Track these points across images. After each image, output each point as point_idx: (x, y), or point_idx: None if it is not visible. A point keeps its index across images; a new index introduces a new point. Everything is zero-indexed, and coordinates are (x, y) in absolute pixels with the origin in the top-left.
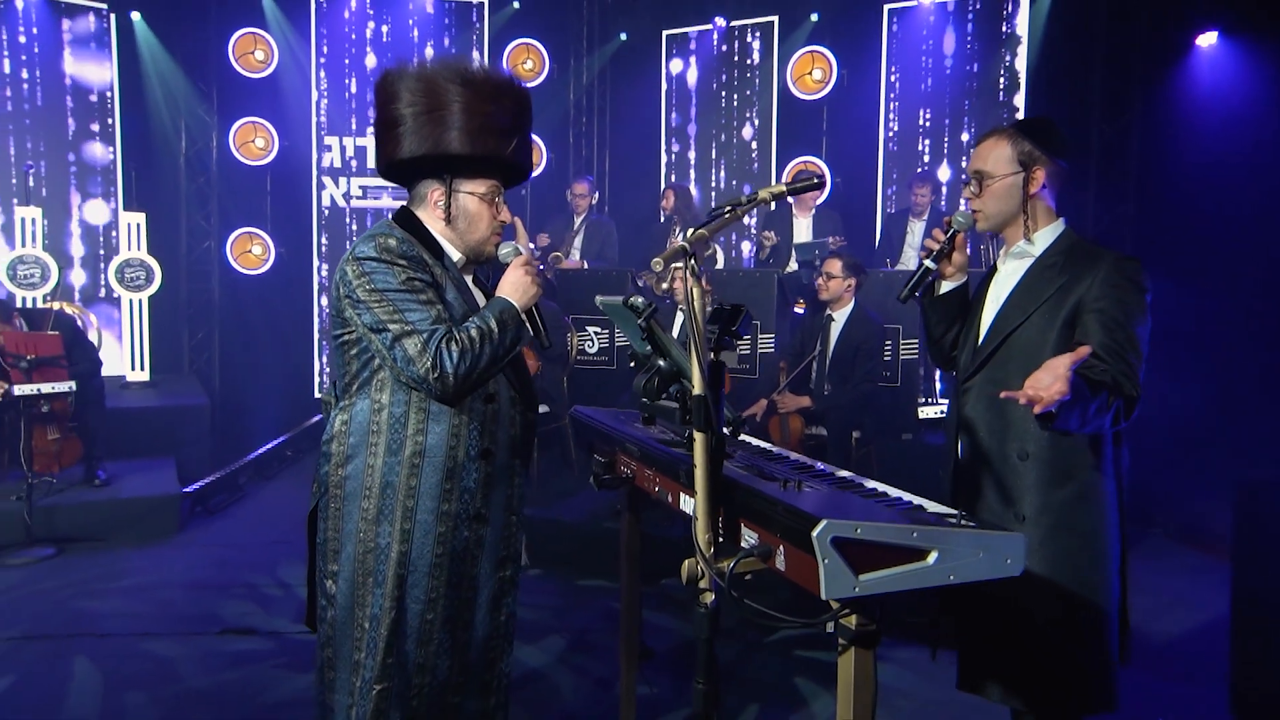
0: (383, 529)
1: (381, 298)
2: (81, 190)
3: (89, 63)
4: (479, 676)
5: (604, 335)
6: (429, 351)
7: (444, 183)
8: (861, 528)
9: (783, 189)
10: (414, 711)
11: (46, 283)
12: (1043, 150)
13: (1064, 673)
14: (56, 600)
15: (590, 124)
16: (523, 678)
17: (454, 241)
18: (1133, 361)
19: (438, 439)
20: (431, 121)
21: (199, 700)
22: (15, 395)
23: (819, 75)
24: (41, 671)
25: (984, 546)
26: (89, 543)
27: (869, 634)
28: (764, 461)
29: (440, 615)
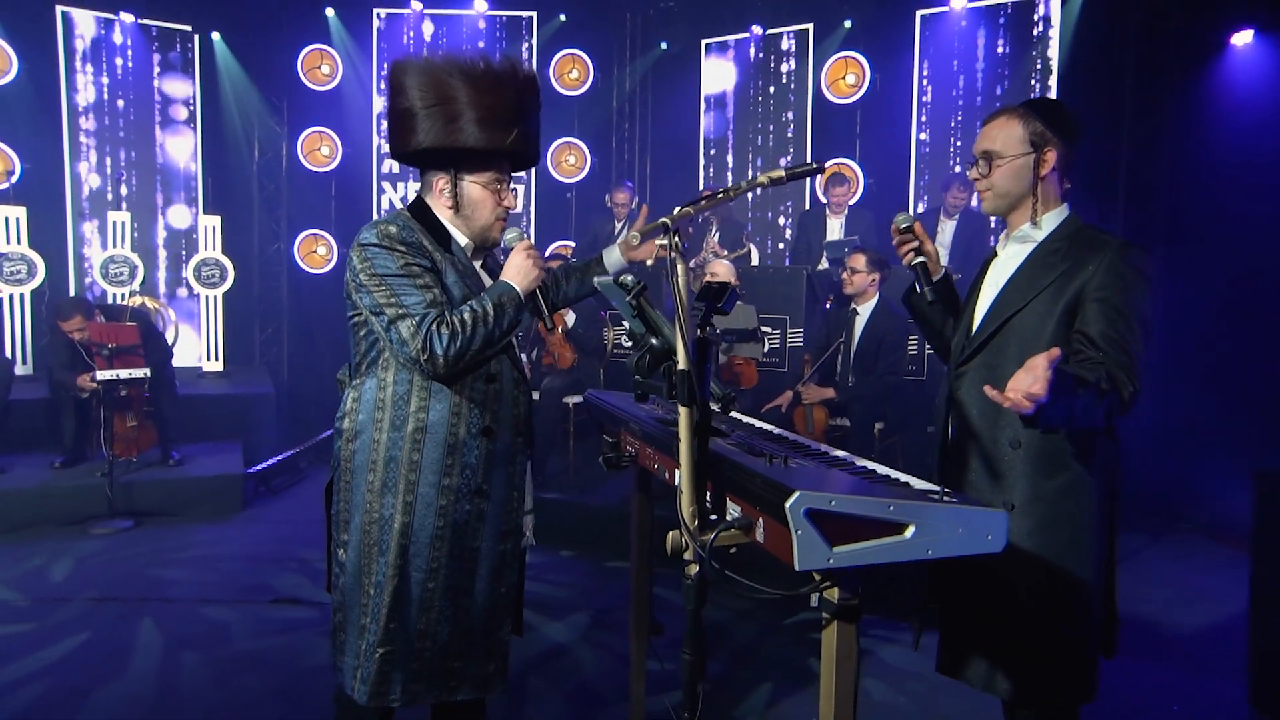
0: (386, 501)
1: (381, 282)
2: (166, 196)
3: (175, 81)
4: (480, 643)
5: None
6: (420, 334)
7: (449, 173)
8: (836, 500)
9: (781, 174)
10: (416, 674)
11: (134, 280)
12: (1054, 132)
13: (1043, 660)
14: (131, 567)
15: (631, 129)
16: (547, 652)
17: (461, 228)
18: (1134, 353)
19: (439, 416)
20: (436, 116)
21: (246, 661)
22: (98, 380)
23: (852, 80)
24: (112, 630)
25: (964, 522)
26: (163, 517)
27: (850, 608)
28: (759, 440)
29: (441, 584)
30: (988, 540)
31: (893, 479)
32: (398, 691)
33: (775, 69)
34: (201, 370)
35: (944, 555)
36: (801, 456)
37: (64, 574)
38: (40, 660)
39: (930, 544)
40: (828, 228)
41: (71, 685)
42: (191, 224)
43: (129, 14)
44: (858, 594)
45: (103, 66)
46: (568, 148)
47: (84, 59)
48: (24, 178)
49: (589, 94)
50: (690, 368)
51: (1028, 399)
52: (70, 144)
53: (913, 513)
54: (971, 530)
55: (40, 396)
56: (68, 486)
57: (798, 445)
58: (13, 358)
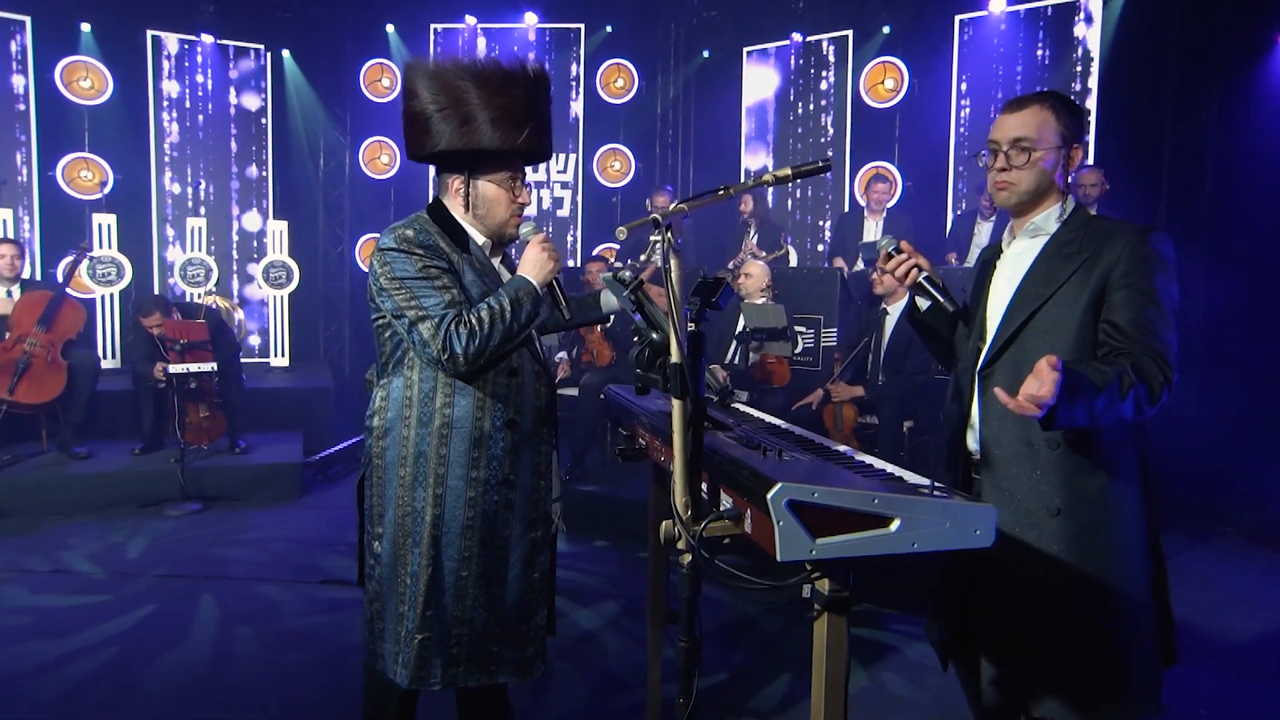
0: (418, 494)
1: (400, 285)
2: (241, 203)
3: (248, 95)
4: (515, 628)
5: None
6: (440, 334)
7: (464, 174)
8: (819, 492)
9: (788, 172)
10: (454, 658)
11: (208, 280)
12: (1077, 130)
13: (1107, 676)
14: (197, 547)
15: (675, 135)
16: (575, 638)
17: (477, 226)
18: (1166, 338)
19: (464, 411)
20: (450, 118)
21: (293, 637)
22: (171, 373)
23: (891, 84)
24: (176, 604)
25: (951, 516)
26: (228, 501)
27: (841, 600)
28: (763, 434)
29: (474, 572)
30: (976, 535)
31: (888, 474)
32: (438, 675)
33: (815, 75)
34: (269, 365)
35: (931, 549)
36: (801, 451)
37: (138, 551)
38: (111, 629)
39: (916, 538)
40: (865, 229)
41: (137, 652)
42: (261, 228)
43: (209, 35)
44: (848, 586)
45: (185, 84)
46: (613, 154)
47: (169, 77)
48: (115, 187)
49: (634, 102)
50: (683, 361)
51: (1034, 403)
52: (156, 156)
53: (898, 506)
54: (959, 525)
55: (125, 388)
56: (145, 471)
57: (802, 440)
58: (103, 352)
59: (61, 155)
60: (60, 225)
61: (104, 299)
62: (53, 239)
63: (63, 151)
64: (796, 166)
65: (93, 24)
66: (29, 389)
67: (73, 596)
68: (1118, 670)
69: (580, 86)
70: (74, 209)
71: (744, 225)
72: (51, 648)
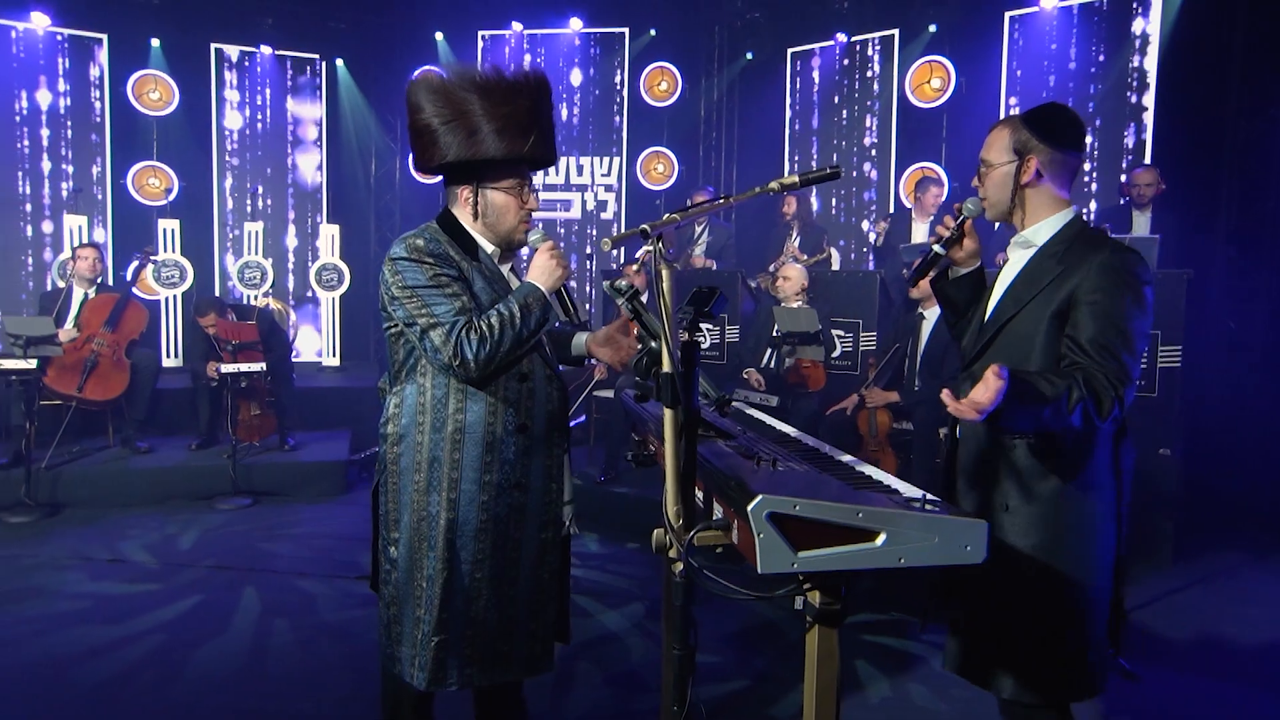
0: (432, 499)
1: (412, 294)
2: (297, 207)
3: (304, 104)
4: (526, 626)
5: (714, 331)
6: (450, 341)
7: (472, 184)
8: (800, 504)
9: (795, 180)
10: (469, 659)
11: (264, 283)
12: (1040, 138)
13: (1038, 659)
14: (245, 541)
15: (719, 137)
16: (600, 638)
17: (486, 235)
18: (1124, 359)
19: (476, 417)
20: (456, 130)
21: (327, 630)
22: (223, 372)
23: (937, 84)
24: (221, 595)
25: (939, 531)
26: (276, 496)
27: (832, 612)
28: (765, 444)
29: (487, 574)
30: (966, 551)
31: (885, 486)
32: (454, 676)
33: (860, 75)
34: (321, 365)
35: (918, 565)
36: (802, 462)
37: (190, 543)
38: (160, 617)
39: (902, 552)
40: (913, 231)
41: (180, 640)
42: (315, 232)
43: (268, 46)
44: (839, 598)
45: (245, 94)
46: (656, 156)
47: (230, 88)
48: (179, 194)
49: (677, 104)
50: (674, 371)
51: (974, 409)
52: (218, 163)
53: (884, 520)
54: (948, 540)
55: (185, 386)
56: (200, 466)
57: (807, 450)
58: (165, 351)
59: (132, 164)
60: (130, 230)
61: (167, 300)
62: (123, 244)
63: (133, 160)
64: (804, 174)
65: (162, 39)
66: (96, 386)
67: (127, 584)
68: (1050, 656)
69: (624, 90)
70: (142, 215)
71: (786, 227)
72: (104, 632)
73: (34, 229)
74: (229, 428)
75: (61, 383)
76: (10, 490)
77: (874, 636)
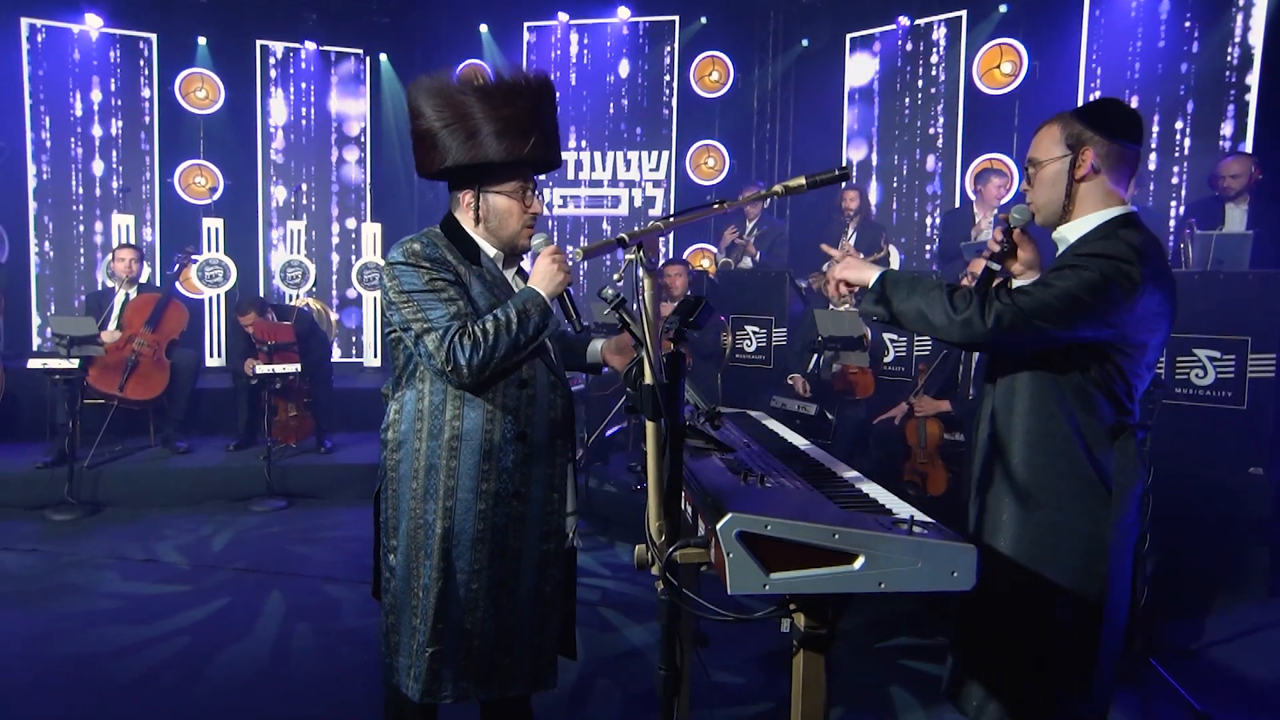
0: (429, 506)
1: (408, 298)
2: (341, 205)
3: (348, 99)
4: (527, 640)
5: (762, 335)
6: (444, 346)
7: (474, 188)
8: (772, 524)
9: (801, 181)
10: (465, 672)
11: (306, 282)
12: (1095, 129)
13: (1026, 699)
14: (276, 543)
15: (772, 130)
16: (623, 654)
17: (488, 239)
18: (1036, 297)
19: (473, 424)
20: (456, 134)
21: (347, 636)
22: (259, 373)
23: (1008, 69)
24: (248, 597)
25: (924, 556)
26: (311, 499)
27: (818, 637)
28: (765, 458)
29: (485, 585)
30: (953, 577)
31: (879, 506)
32: (449, 689)
33: (923, 61)
34: (363, 365)
35: (901, 590)
36: (797, 478)
37: (223, 545)
38: (187, 618)
39: (883, 577)
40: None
41: (204, 642)
42: (357, 231)
43: (312, 42)
44: (826, 621)
45: (289, 91)
46: (706, 150)
47: (275, 85)
48: (224, 192)
49: (729, 95)
50: (656, 382)
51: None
52: (262, 160)
53: (862, 542)
54: (934, 565)
55: (227, 386)
56: (237, 467)
57: (810, 467)
58: (208, 351)
59: (179, 163)
60: (176, 230)
61: (211, 300)
62: (170, 243)
63: (180, 159)
64: (811, 176)
65: (208, 37)
66: (136, 386)
67: (159, 585)
68: (1036, 699)
69: (674, 81)
70: (188, 214)
71: (841, 224)
72: (133, 632)
73: (86, 228)
74: (266, 429)
75: (103, 382)
76: (54, 488)
77: (913, 662)
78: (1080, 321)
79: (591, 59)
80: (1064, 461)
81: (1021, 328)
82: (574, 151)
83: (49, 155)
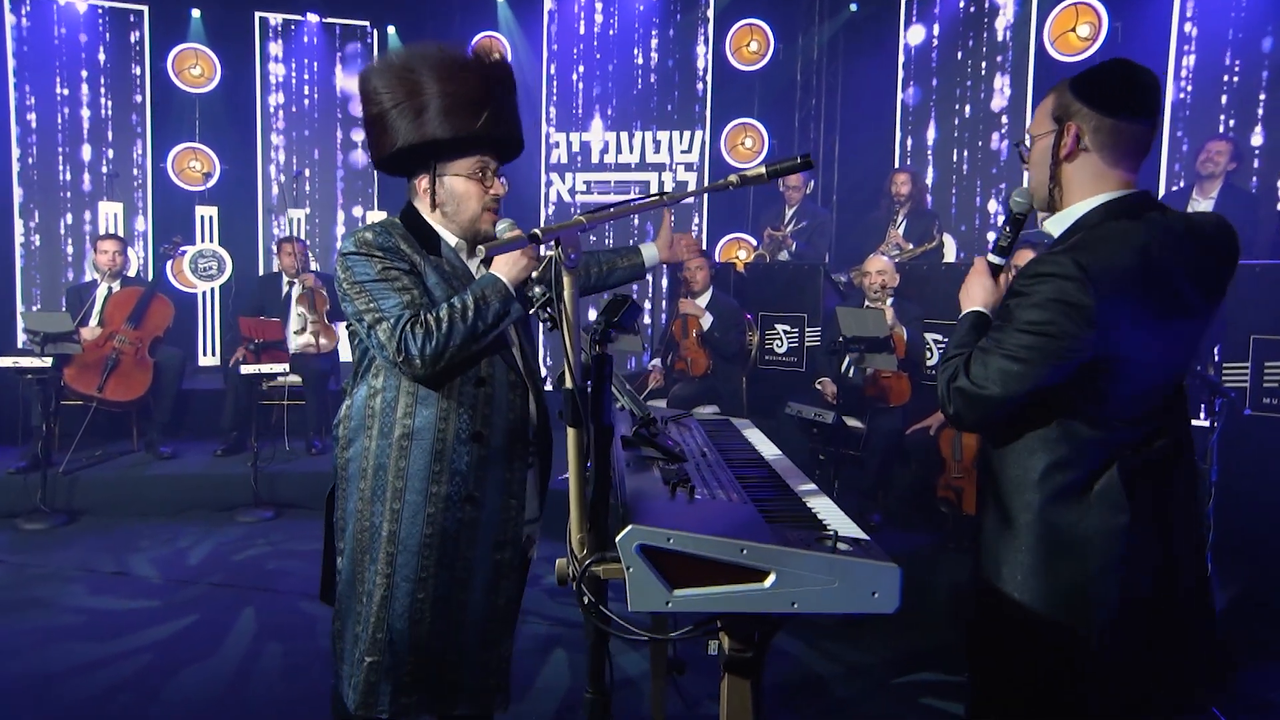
0: (376, 508)
1: (361, 289)
2: (347, 192)
3: (354, 75)
4: (476, 656)
5: (794, 335)
6: (395, 335)
7: (429, 170)
8: (674, 538)
9: (762, 171)
10: (405, 686)
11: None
12: (1084, 100)
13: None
14: (256, 557)
15: (817, 105)
16: (620, 682)
17: (448, 226)
18: (1003, 346)
19: (425, 422)
20: (404, 113)
21: (320, 656)
22: (242, 374)
23: (1085, 31)
24: (217, 615)
25: (841, 575)
26: (302, 509)
27: (743, 661)
28: (717, 469)
29: (431, 594)
30: (874, 599)
31: (815, 521)
32: (385, 703)
33: (988, 25)
34: None
35: (816, 612)
36: (739, 490)
37: (200, 557)
38: (151, 636)
39: (795, 596)
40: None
41: (166, 661)
42: (364, 219)
43: (314, 14)
44: (753, 645)
45: (291, 67)
46: (743, 129)
47: (275, 60)
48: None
49: (768, 68)
50: (575, 387)
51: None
52: (262, 143)
53: (772, 559)
54: (851, 585)
55: (218, 387)
56: (223, 475)
57: (765, 479)
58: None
59: (172, 146)
60: (170, 218)
61: (204, 295)
62: (162, 233)
63: (173, 142)
64: (771, 164)
65: (203, 9)
66: (117, 386)
67: (127, 600)
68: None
69: (708, 53)
70: (183, 201)
71: (890, 211)
72: (92, 650)
73: (75, 217)
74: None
75: (81, 382)
76: (27, 495)
77: (934, 700)
78: (1042, 374)
79: (618, 29)
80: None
81: (991, 407)
82: (599, 133)
83: (35, 138)
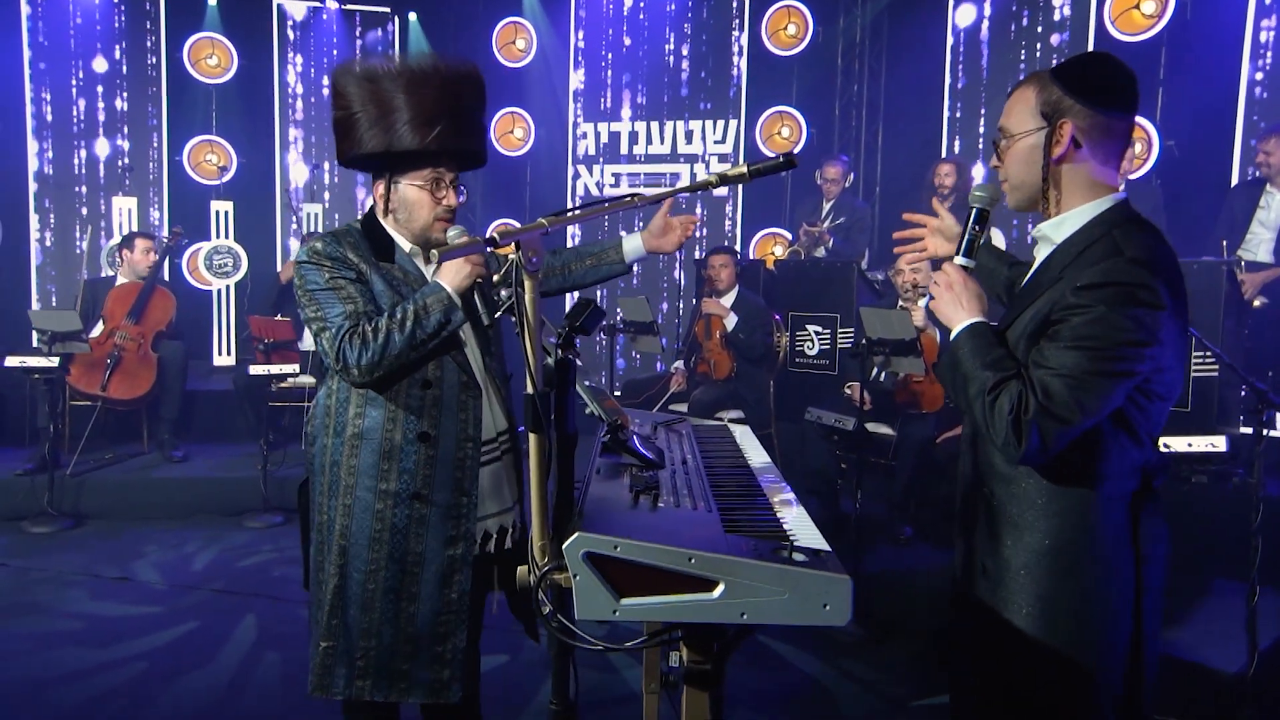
0: (331, 503)
1: (311, 297)
2: (367, 185)
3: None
4: (429, 648)
5: (825, 336)
6: (335, 344)
7: (386, 177)
8: (621, 545)
9: (743, 170)
10: (360, 670)
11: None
12: (1075, 95)
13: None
14: (261, 563)
15: (859, 92)
16: (618, 699)
17: (401, 232)
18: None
19: (374, 422)
20: (367, 121)
21: None
22: (251, 375)
23: (1150, 9)
24: (219, 621)
25: (791, 586)
26: None
27: (701, 673)
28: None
29: (381, 585)
30: (824, 611)
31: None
32: (340, 685)
33: (1043, 2)
34: None
35: (766, 622)
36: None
37: (204, 563)
38: (149, 642)
39: (745, 607)
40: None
41: (163, 668)
42: None
43: (334, 0)
44: (710, 656)
45: (310, 55)
46: (780, 118)
47: (294, 50)
48: (237, 171)
49: (807, 52)
50: (535, 392)
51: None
52: (280, 135)
53: (721, 569)
54: (801, 597)
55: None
56: (232, 479)
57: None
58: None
59: (188, 138)
60: (186, 214)
61: (219, 292)
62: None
63: (190, 134)
64: (753, 164)
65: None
66: (120, 384)
67: (127, 606)
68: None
69: (743, 37)
70: (198, 195)
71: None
72: (88, 656)
73: (90, 212)
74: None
75: (85, 381)
76: (34, 498)
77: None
78: (1118, 393)
79: (648, 13)
80: (1061, 500)
81: (1074, 435)
82: (628, 123)
83: (50, 132)
